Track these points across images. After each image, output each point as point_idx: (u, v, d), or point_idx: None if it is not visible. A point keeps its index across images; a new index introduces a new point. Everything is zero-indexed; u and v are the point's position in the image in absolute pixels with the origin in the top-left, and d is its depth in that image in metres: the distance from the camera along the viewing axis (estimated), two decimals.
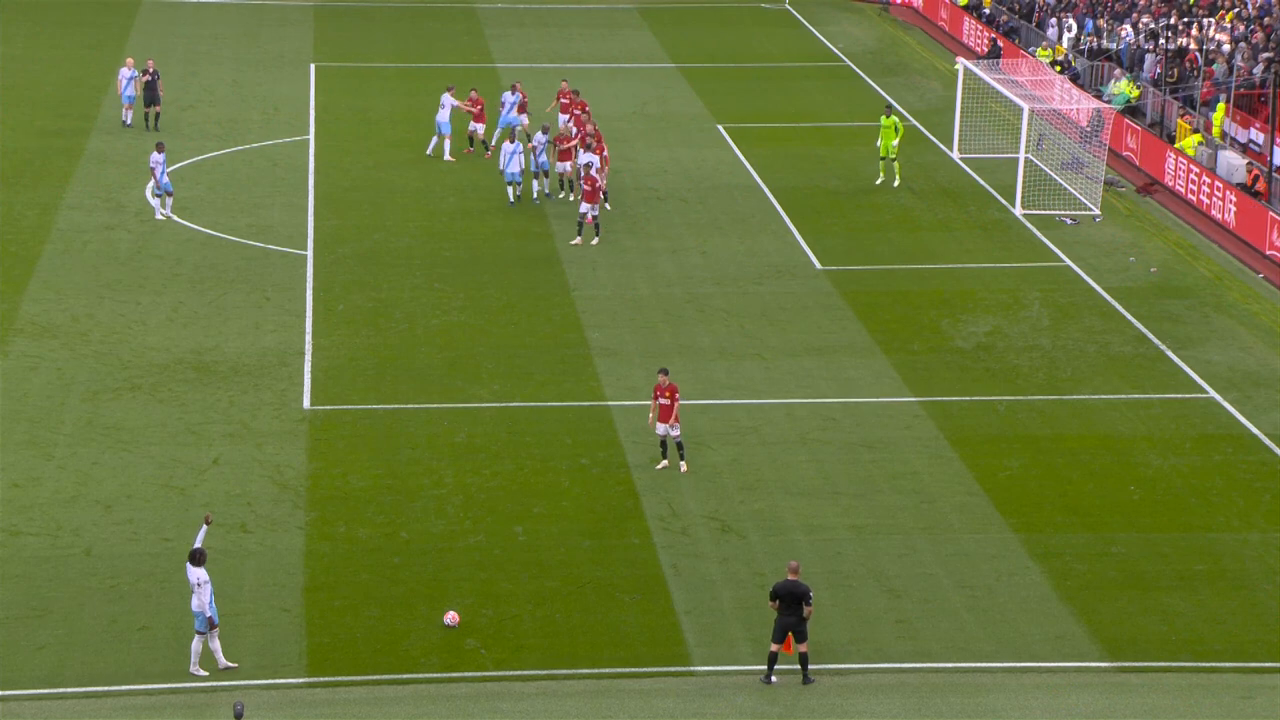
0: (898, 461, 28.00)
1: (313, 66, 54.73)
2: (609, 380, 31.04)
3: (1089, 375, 31.69)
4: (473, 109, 44.45)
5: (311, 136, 46.83)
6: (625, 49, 58.25)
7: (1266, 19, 46.98)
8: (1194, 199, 42.32)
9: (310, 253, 37.59)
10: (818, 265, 37.54)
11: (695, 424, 29.03)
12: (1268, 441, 28.98)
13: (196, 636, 21.87)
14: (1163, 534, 25.84)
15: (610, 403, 30.08)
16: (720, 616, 23.50)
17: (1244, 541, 25.62)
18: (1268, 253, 38.62)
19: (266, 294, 35.05)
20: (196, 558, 21.88)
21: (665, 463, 27.43)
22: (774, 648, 21.75)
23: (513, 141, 40.25)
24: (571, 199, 40.05)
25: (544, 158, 40.43)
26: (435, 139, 44.75)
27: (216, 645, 21.94)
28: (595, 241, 36.37)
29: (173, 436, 28.48)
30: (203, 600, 21.68)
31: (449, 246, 38.33)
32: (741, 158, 44.85)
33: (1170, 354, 32.75)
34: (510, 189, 40.47)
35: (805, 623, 21.72)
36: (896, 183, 42.27)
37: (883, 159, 42.59)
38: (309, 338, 32.79)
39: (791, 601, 21.65)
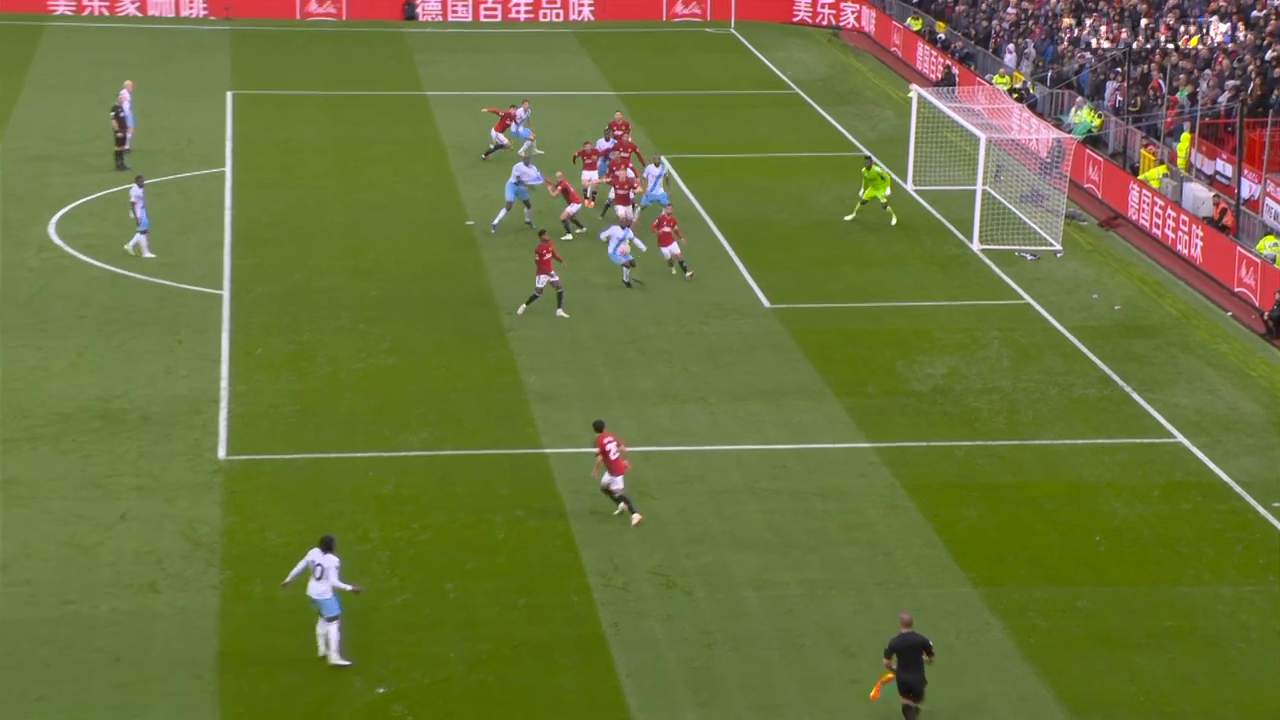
0: (852, 512, 27.99)
1: (230, 94, 54.51)
2: (546, 426, 30.91)
3: (1051, 419, 31.83)
4: (498, 113, 46.16)
5: (229, 169, 46.60)
6: (563, 76, 58.39)
7: (1231, 45, 47.62)
8: (1159, 233, 42.72)
9: (227, 293, 37.31)
10: (766, 303, 37.60)
11: (638, 472, 28.90)
12: (1238, 489, 29.16)
13: (334, 623, 22.56)
14: (1130, 587, 25.92)
15: (547, 450, 29.95)
16: (664, 679, 23.35)
17: (1215, 595, 25.73)
18: (1236, 289, 39.00)
19: (179, 337, 34.76)
20: (328, 544, 22.99)
21: (623, 507, 27.33)
22: (904, 701, 21.53)
23: (529, 164, 40.69)
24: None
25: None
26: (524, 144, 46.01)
27: (336, 633, 22.72)
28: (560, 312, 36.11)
29: (76, 490, 28.10)
30: (332, 582, 22.65)
31: (376, 285, 38.16)
32: (685, 189, 44.93)
33: (1136, 396, 32.96)
34: (505, 210, 40.59)
35: (924, 680, 21.38)
36: (894, 221, 42.30)
37: (863, 203, 42.65)
38: (225, 383, 32.51)
39: (910, 655, 21.46)
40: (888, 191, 42.51)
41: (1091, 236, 43.25)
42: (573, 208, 40.66)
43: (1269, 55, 45.33)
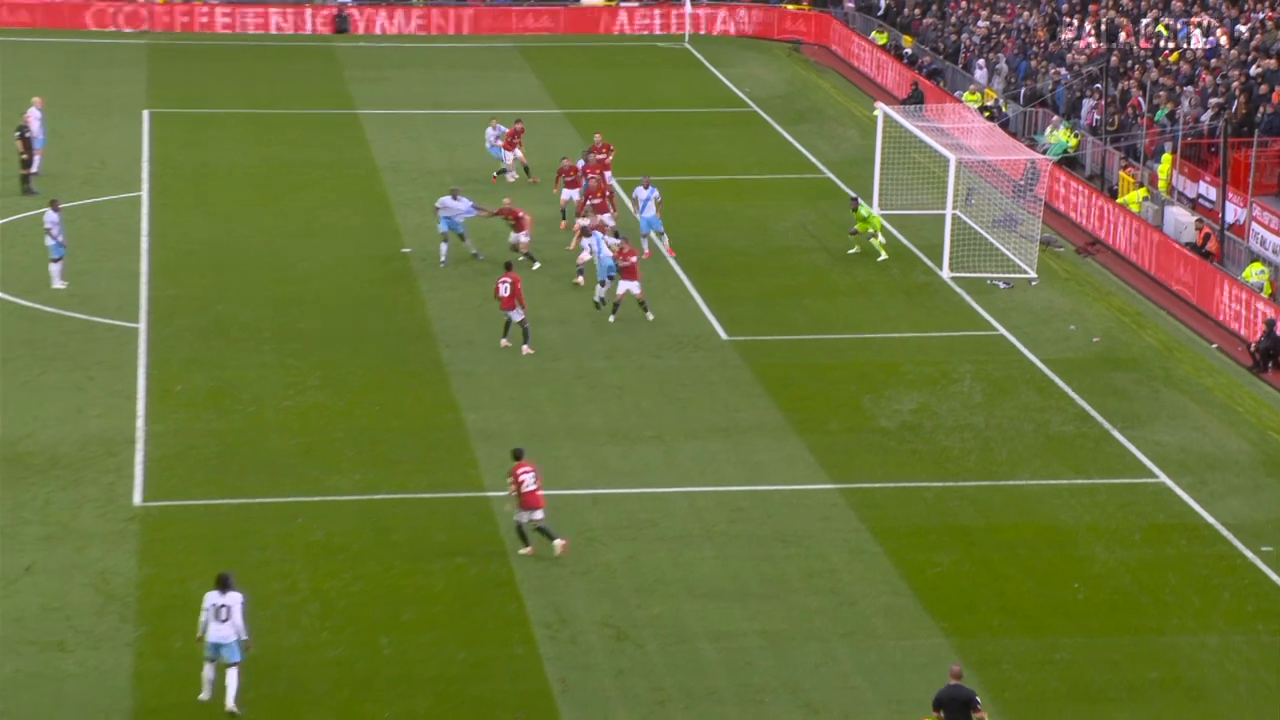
0: (814, 557, 28.09)
1: (146, 113, 54.41)
2: (489, 467, 30.91)
3: (1027, 458, 32.05)
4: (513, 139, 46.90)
5: (145, 193, 46.48)
6: (505, 93, 58.55)
7: (1214, 60, 48.17)
8: (1139, 260, 43.12)
9: (143, 325, 37.18)
10: (723, 335, 37.75)
11: (585, 517, 28.97)
12: (1225, 532, 29.40)
13: (234, 669, 22.82)
14: (1111, 638, 26.09)
15: (490, 493, 29.94)
16: None
17: (1201, 645, 25.92)
18: (1221, 319, 39.35)
19: (91, 373, 34.59)
20: (226, 582, 23.17)
21: (529, 550, 27.61)
22: None
23: (456, 198, 40.64)
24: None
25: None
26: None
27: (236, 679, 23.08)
28: (525, 349, 36.09)
29: None
30: (236, 623, 23.02)
31: (304, 317, 38.10)
32: (635, 214, 45.06)
33: (1116, 433, 33.23)
34: (444, 243, 40.62)
35: None
36: (883, 256, 42.41)
37: (855, 232, 42.82)
38: (141, 423, 32.37)
39: (957, 710, 21.67)
40: (875, 232, 42.55)
41: (1068, 263, 43.62)
42: (523, 237, 40.61)
43: (1254, 71, 45.87)
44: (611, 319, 37.68)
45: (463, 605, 26.40)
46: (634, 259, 37.68)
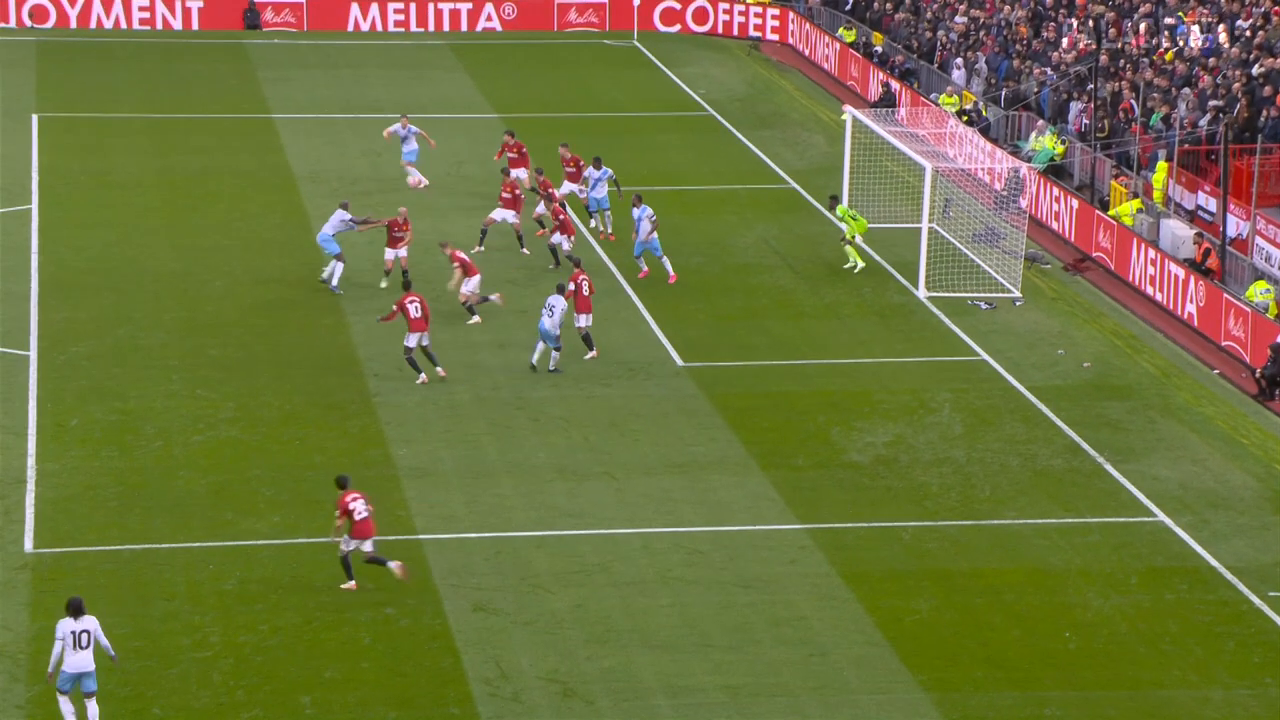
0: (780, 604, 28.27)
1: (35, 118, 54.28)
2: (420, 508, 31.00)
3: (1012, 495, 32.34)
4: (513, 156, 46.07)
5: (35, 206, 46.37)
6: (435, 95, 58.69)
7: (1213, 60, 48.75)
8: (1133, 278, 43.57)
9: (34, 353, 37.12)
10: (679, 361, 37.95)
11: (530, 561, 29.08)
12: (1229, 576, 29.71)
13: (93, 698, 23.13)
14: (1105, 692, 26.34)
15: (422, 535, 30.04)
16: None
17: (1204, 700, 26.19)
18: (1223, 343, 39.83)
19: None
20: (79, 607, 23.69)
21: (351, 586, 28.06)
22: None
23: (344, 208, 40.58)
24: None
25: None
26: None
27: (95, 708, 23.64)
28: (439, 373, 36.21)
29: None
30: (103, 641, 23.74)
31: (215, 343, 38.11)
32: (582, 228, 45.28)
33: (1109, 468, 33.56)
34: (338, 263, 40.72)
35: None
36: (860, 266, 42.71)
37: (848, 241, 43.14)
38: (32, 461, 32.32)
39: None
40: (855, 233, 42.90)
41: (1056, 282, 44.03)
42: (401, 251, 40.52)
43: (1256, 71, 46.41)
44: (588, 356, 37.49)
45: (392, 660, 26.44)
46: (576, 284, 37.37)
